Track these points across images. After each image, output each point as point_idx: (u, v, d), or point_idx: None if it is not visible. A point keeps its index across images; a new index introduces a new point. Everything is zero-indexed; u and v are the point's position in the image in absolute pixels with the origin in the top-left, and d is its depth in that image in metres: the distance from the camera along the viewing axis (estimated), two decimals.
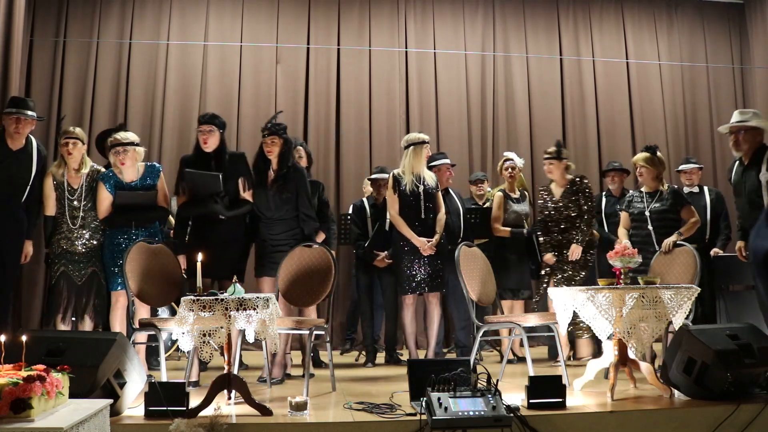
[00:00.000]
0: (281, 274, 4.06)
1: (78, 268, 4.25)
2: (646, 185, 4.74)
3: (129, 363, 2.98)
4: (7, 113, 4.21)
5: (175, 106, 6.94)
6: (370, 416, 2.93)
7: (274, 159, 4.34)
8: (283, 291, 4.06)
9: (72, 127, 4.41)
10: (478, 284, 4.08)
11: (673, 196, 4.66)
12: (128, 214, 4.22)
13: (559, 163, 4.85)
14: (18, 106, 4.24)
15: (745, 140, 4.13)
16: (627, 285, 3.54)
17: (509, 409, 2.74)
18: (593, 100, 7.59)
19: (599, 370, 3.76)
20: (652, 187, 4.70)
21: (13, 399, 2.04)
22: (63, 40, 6.87)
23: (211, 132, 4.26)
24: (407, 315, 4.73)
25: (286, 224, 4.32)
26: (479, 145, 7.35)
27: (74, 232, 4.27)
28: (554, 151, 4.88)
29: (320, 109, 7.15)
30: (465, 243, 4.22)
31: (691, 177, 5.49)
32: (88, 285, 4.27)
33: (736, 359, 3.10)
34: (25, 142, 4.28)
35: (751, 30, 7.65)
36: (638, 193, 4.79)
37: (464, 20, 7.51)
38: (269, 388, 3.94)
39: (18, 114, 4.19)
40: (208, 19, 7.15)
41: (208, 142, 4.26)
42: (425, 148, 4.72)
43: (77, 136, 4.33)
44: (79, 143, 4.33)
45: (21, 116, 4.19)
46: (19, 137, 4.23)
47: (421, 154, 4.68)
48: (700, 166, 5.64)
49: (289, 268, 4.09)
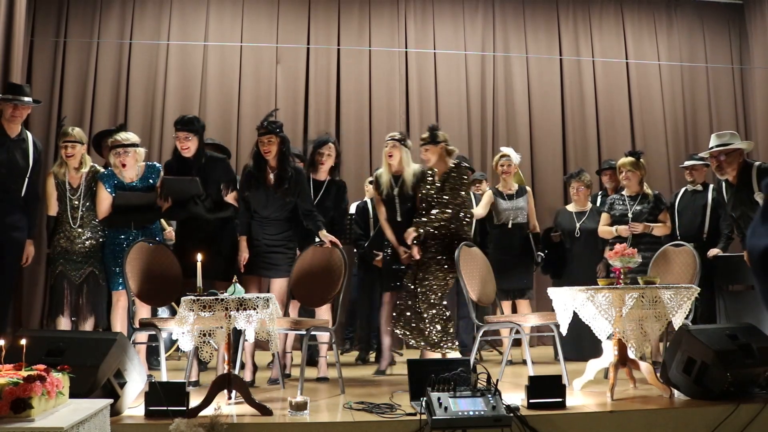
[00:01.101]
0: (293, 273, 4.10)
1: (75, 267, 4.26)
2: (629, 189, 4.90)
3: (129, 363, 2.98)
4: (3, 99, 4.23)
5: (175, 106, 6.94)
6: (370, 416, 2.94)
7: (272, 158, 4.23)
8: (293, 290, 4.08)
9: (71, 128, 4.42)
10: (478, 284, 4.08)
11: (655, 200, 4.85)
12: (127, 215, 4.23)
13: (435, 147, 4.34)
14: (15, 92, 4.26)
15: (728, 163, 4.10)
16: (627, 285, 3.54)
17: (509, 409, 2.74)
18: (593, 100, 7.59)
19: (599, 370, 3.77)
20: (636, 191, 4.88)
21: (13, 399, 2.04)
22: (63, 40, 6.87)
23: (188, 138, 4.16)
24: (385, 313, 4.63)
25: (280, 225, 4.26)
26: (479, 145, 7.35)
27: (74, 231, 4.28)
28: (428, 136, 4.37)
29: (320, 109, 7.16)
30: (465, 243, 4.22)
31: (692, 174, 5.34)
32: (86, 285, 4.29)
33: (735, 359, 3.10)
34: (20, 132, 4.31)
35: (751, 30, 7.65)
36: (619, 197, 4.97)
37: (464, 20, 7.51)
38: (282, 389, 3.93)
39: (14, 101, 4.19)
40: (208, 19, 7.15)
41: (188, 147, 4.17)
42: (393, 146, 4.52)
43: (75, 138, 4.34)
44: (78, 145, 4.34)
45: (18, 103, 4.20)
46: (15, 122, 4.25)
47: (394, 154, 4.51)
48: (705, 163, 5.39)
49: (301, 267, 4.12)
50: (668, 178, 7.41)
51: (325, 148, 4.59)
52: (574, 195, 5.41)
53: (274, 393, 3.78)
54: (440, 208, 4.26)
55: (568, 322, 3.61)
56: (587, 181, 5.39)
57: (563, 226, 5.34)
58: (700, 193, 5.24)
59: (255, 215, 4.26)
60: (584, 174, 5.43)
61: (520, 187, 5.37)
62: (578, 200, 5.38)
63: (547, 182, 7.30)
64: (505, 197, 5.28)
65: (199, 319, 3.09)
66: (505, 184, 5.33)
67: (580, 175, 5.39)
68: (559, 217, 5.48)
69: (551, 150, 7.44)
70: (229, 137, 6.84)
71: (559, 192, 7.30)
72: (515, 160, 5.32)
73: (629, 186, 4.88)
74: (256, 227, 4.25)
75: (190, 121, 4.20)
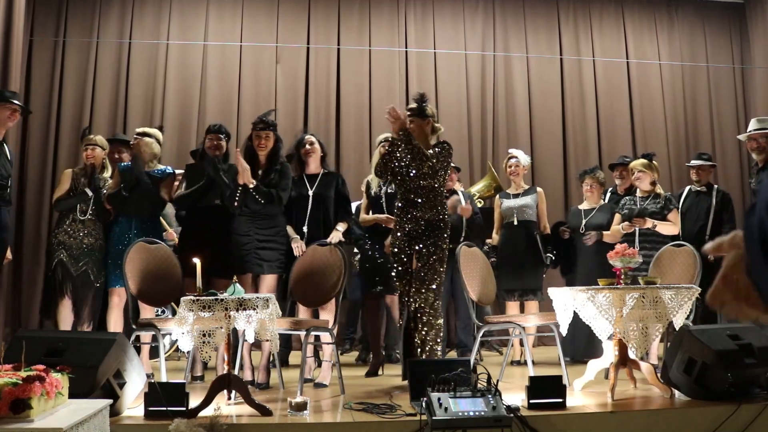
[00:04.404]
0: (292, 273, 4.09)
1: (73, 261, 4.41)
2: (641, 189, 4.90)
3: (129, 363, 2.97)
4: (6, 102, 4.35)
5: (175, 106, 6.94)
6: (370, 416, 2.93)
7: (264, 154, 4.23)
8: (292, 290, 4.07)
9: (93, 135, 4.80)
10: (478, 284, 4.08)
11: (666, 201, 4.84)
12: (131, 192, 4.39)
13: (422, 121, 3.94)
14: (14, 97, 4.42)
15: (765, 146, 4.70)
16: (627, 285, 3.54)
17: (509, 410, 2.74)
18: (593, 100, 7.58)
19: (599, 370, 3.76)
20: (648, 192, 4.87)
21: (12, 399, 2.03)
22: (63, 40, 6.86)
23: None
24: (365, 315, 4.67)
25: (271, 220, 4.21)
26: (479, 145, 7.35)
27: (76, 226, 4.46)
28: (416, 108, 3.95)
29: (320, 109, 7.15)
30: (465, 243, 4.21)
31: (699, 174, 5.25)
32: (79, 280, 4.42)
33: (736, 359, 3.10)
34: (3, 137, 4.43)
35: (752, 30, 7.64)
36: (631, 198, 4.97)
37: (464, 20, 7.51)
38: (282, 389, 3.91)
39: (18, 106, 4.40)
40: (208, 19, 7.14)
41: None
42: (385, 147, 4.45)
43: (97, 142, 4.69)
44: (98, 149, 4.67)
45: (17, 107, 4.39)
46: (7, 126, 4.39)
47: None
48: (711, 164, 5.39)
49: (301, 267, 4.11)
50: (668, 178, 7.39)
51: (306, 140, 4.57)
52: (587, 191, 5.29)
53: (274, 393, 3.77)
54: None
55: (569, 322, 3.61)
56: (601, 178, 5.29)
57: (571, 223, 5.30)
58: (704, 194, 5.18)
59: (245, 210, 4.19)
60: (598, 171, 5.37)
61: (530, 186, 5.38)
62: (590, 197, 5.27)
63: (547, 182, 7.29)
64: (511, 196, 5.27)
65: (199, 319, 3.08)
66: (515, 185, 5.33)
67: (594, 172, 5.32)
68: (570, 214, 5.46)
69: (551, 150, 7.43)
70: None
71: (560, 192, 7.29)
72: (523, 162, 5.32)
73: (641, 187, 4.88)
74: (247, 223, 4.17)
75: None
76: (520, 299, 5.14)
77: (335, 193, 4.50)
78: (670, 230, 4.77)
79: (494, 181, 5.93)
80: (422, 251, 3.80)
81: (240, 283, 3.27)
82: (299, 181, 4.49)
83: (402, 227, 3.87)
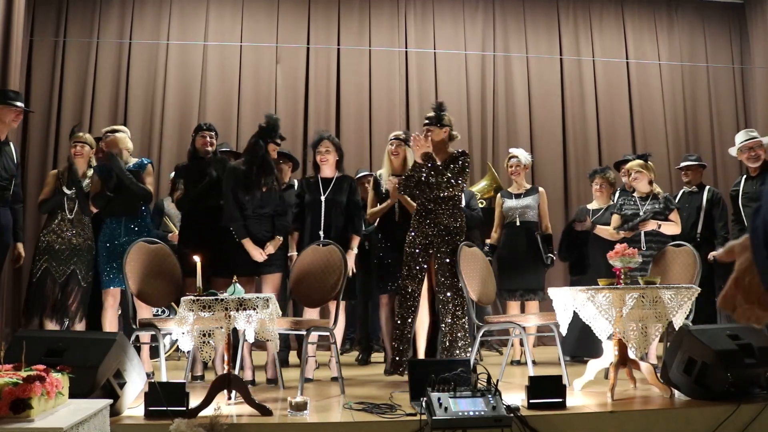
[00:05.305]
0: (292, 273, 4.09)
1: (59, 263, 4.42)
2: (639, 190, 4.89)
3: (129, 363, 2.97)
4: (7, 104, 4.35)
5: (175, 106, 6.95)
6: (370, 416, 2.93)
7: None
8: (292, 290, 4.07)
9: (82, 133, 4.82)
10: (478, 284, 4.07)
11: (665, 201, 4.83)
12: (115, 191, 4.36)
13: (439, 130, 4.03)
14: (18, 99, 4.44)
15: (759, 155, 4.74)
16: (627, 285, 3.54)
17: (509, 409, 2.74)
18: (593, 100, 7.58)
19: (599, 370, 3.76)
20: (645, 192, 4.86)
21: (12, 399, 2.03)
22: (63, 40, 6.87)
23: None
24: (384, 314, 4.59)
25: (270, 221, 4.21)
26: (479, 145, 7.35)
27: (63, 225, 4.48)
28: (434, 117, 4.05)
29: (320, 109, 7.15)
30: (465, 243, 4.21)
31: (688, 174, 5.37)
32: (69, 284, 4.43)
33: (736, 359, 3.10)
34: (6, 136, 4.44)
35: (752, 30, 7.64)
36: (629, 198, 4.95)
37: (464, 20, 7.51)
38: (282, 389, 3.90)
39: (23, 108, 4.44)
40: (208, 19, 7.15)
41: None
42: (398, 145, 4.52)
43: (85, 140, 4.68)
44: (87, 146, 4.66)
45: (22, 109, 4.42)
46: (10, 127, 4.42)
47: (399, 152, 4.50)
48: (700, 164, 5.50)
49: (301, 267, 4.11)
50: (668, 178, 7.40)
51: (322, 144, 4.55)
52: (596, 191, 5.28)
53: (274, 393, 3.77)
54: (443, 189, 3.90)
55: (568, 322, 3.61)
56: (611, 178, 5.28)
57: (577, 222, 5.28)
58: (695, 194, 5.29)
59: (253, 214, 4.17)
60: (608, 171, 5.36)
61: (532, 186, 5.37)
62: (600, 197, 5.26)
63: (547, 182, 7.28)
64: (513, 196, 5.27)
65: (199, 319, 3.08)
66: (516, 184, 5.33)
67: (604, 172, 5.31)
68: (578, 213, 5.40)
69: (551, 150, 7.43)
70: (229, 137, 6.83)
71: (560, 192, 7.29)
72: (524, 160, 5.31)
73: (639, 187, 4.87)
74: (254, 225, 4.17)
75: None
76: (521, 299, 5.14)
77: (347, 200, 4.50)
78: (673, 230, 4.77)
79: (494, 182, 5.93)
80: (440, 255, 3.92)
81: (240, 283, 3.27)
82: (314, 184, 4.51)
83: (420, 229, 3.96)
